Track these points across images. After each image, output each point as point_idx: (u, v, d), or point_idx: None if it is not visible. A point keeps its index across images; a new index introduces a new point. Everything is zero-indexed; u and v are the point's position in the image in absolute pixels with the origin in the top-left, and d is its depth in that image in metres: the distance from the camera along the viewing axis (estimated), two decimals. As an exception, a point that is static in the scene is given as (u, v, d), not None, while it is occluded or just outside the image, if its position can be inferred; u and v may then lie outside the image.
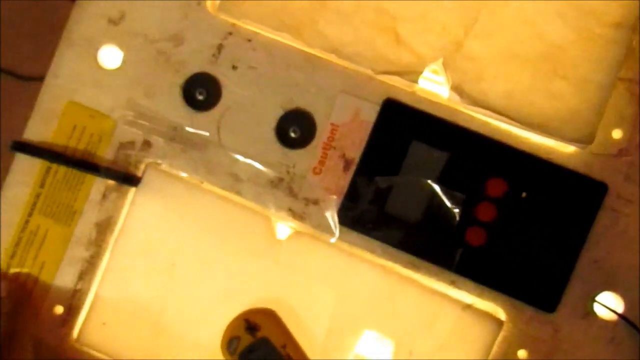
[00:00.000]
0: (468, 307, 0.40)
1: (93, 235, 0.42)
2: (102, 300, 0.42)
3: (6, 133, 0.45)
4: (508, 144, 0.39)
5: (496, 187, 0.39)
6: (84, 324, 0.42)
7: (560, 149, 0.39)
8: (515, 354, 0.39)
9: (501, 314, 0.39)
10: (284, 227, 0.41)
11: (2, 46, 0.57)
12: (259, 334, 0.37)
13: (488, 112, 0.40)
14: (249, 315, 0.37)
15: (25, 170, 0.43)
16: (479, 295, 0.39)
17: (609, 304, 0.38)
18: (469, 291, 0.39)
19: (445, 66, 0.40)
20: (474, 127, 0.40)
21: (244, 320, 0.37)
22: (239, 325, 0.37)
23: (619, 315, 0.38)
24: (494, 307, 0.39)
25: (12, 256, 0.43)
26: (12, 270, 0.42)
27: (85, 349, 0.42)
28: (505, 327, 0.39)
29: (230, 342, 0.36)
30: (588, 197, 0.38)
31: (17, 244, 0.43)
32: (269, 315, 0.37)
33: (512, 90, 0.40)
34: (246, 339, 0.36)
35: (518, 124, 0.39)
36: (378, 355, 0.40)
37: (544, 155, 0.39)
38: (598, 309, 0.38)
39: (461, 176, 0.40)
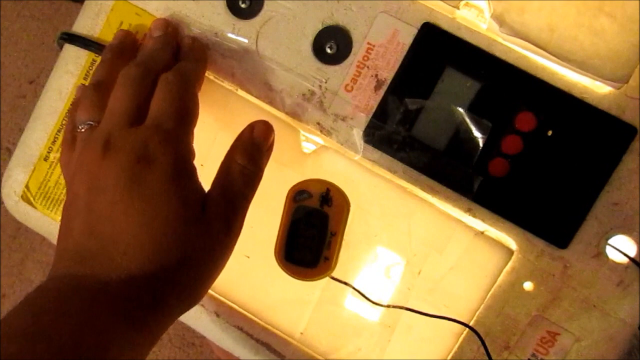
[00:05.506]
0: (480, 233, 0.40)
1: (130, 129, 0.44)
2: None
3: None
4: (542, 79, 0.39)
5: (525, 121, 0.39)
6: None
7: (594, 89, 0.38)
8: (522, 285, 0.40)
9: (512, 245, 0.40)
10: (311, 140, 0.42)
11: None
12: (325, 209, 0.35)
13: (526, 44, 0.39)
14: (334, 188, 0.35)
15: (72, 60, 0.45)
16: (493, 225, 0.40)
17: (621, 247, 0.38)
18: (483, 220, 0.40)
19: (489, -6, 0.40)
20: (510, 59, 0.39)
21: (328, 188, 0.35)
22: (320, 187, 0.35)
23: (630, 258, 0.38)
24: (506, 238, 0.40)
25: (54, 141, 0.45)
26: (53, 154, 0.45)
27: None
28: (514, 258, 0.40)
29: (301, 192, 0.35)
30: (616, 138, 0.38)
31: (59, 130, 0.45)
32: (345, 204, 0.36)
33: (555, 24, 0.39)
34: (313, 202, 0.35)
35: (555, 59, 0.39)
36: (388, 272, 0.42)
37: (577, 94, 0.39)
38: (610, 251, 0.39)
39: (491, 107, 0.40)
